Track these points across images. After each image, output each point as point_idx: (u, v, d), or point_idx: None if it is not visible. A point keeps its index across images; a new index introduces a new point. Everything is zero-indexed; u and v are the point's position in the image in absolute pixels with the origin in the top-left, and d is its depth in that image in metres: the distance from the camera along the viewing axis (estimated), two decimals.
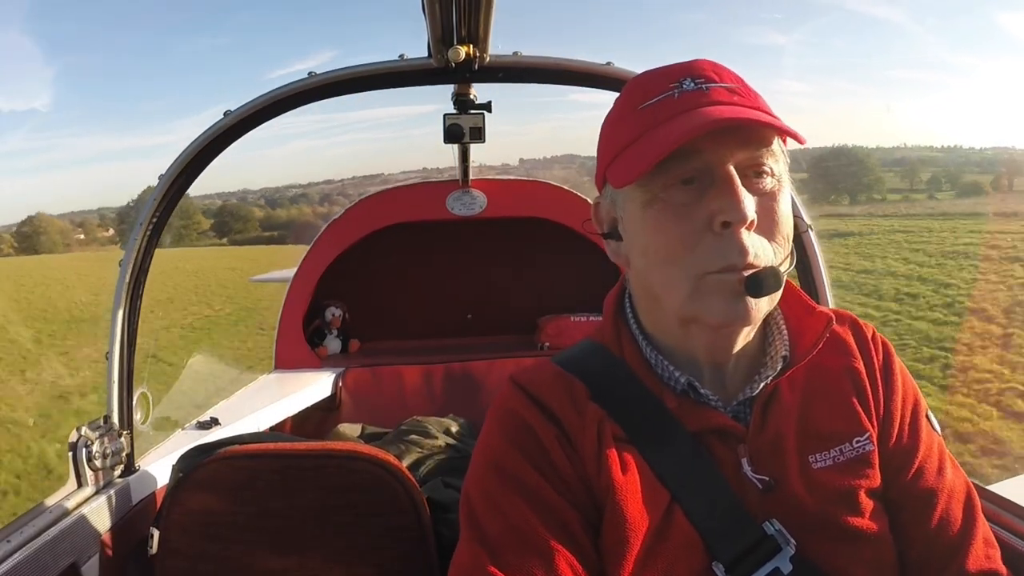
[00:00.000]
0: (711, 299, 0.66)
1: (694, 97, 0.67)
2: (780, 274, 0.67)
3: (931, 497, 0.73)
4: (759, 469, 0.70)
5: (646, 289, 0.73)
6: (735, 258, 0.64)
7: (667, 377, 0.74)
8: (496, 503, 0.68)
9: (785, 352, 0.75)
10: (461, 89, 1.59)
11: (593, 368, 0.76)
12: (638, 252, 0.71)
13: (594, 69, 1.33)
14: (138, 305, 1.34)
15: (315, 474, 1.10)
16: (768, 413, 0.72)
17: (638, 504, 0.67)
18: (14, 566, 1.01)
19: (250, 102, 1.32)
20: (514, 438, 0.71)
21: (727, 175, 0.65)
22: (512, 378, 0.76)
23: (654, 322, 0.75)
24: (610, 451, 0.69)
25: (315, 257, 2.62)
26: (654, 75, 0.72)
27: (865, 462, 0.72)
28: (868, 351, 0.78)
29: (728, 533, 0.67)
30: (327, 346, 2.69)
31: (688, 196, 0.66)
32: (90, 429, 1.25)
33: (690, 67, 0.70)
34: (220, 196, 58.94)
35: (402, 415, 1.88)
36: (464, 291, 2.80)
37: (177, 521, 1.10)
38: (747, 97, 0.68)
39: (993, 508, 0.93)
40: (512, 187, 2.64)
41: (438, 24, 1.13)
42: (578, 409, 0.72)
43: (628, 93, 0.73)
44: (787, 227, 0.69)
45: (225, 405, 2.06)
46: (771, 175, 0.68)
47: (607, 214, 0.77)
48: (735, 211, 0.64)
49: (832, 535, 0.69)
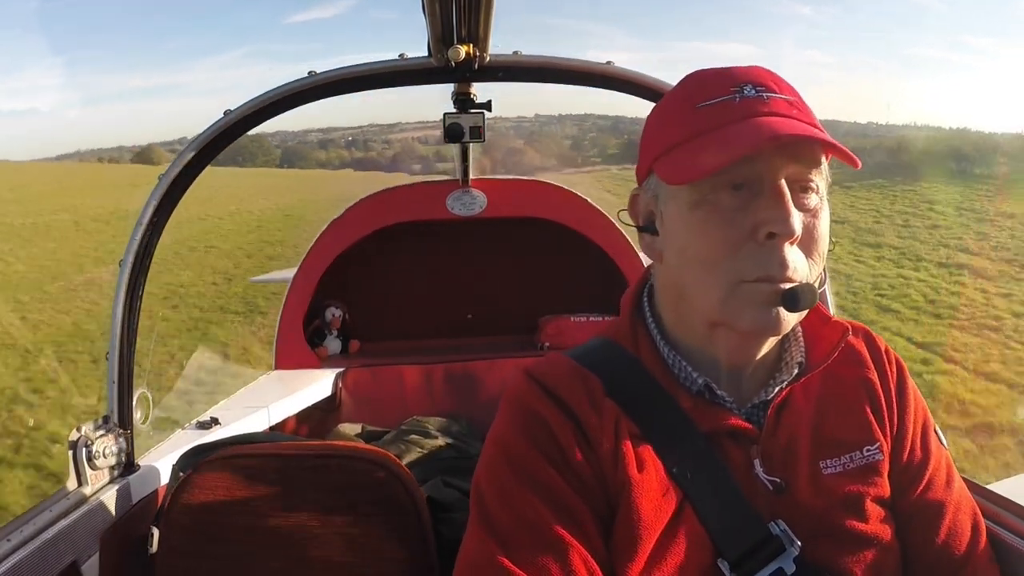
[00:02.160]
0: (744, 307, 0.66)
1: (754, 104, 0.67)
2: (815, 291, 0.67)
3: (940, 510, 0.75)
4: (771, 471, 0.70)
5: (677, 287, 0.73)
6: (775, 270, 0.65)
7: (683, 377, 0.74)
8: (509, 497, 0.67)
9: (801, 359, 0.76)
10: (461, 88, 1.60)
11: (608, 364, 0.76)
12: (675, 250, 0.71)
13: (594, 69, 1.33)
14: (138, 305, 1.34)
15: (315, 474, 1.10)
16: (782, 417, 0.73)
17: (652, 502, 0.67)
18: (14, 565, 1.01)
19: (250, 101, 1.33)
20: (529, 432, 0.70)
21: (779, 187, 0.65)
22: (527, 371, 0.76)
23: (677, 321, 0.75)
24: (627, 448, 0.69)
25: (315, 257, 2.62)
26: (714, 75, 0.71)
27: (874, 471, 0.73)
28: (883, 365, 0.80)
29: (735, 531, 0.67)
30: (327, 346, 2.69)
31: (737, 201, 0.66)
32: (90, 428, 1.25)
33: (750, 73, 0.70)
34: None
35: (402, 415, 1.88)
36: (464, 291, 2.80)
37: (177, 520, 1.10)
38: (803, 112, 0.69)
39: (993, 508, 0.93)
40: (513, 187, 2.65)
41: (438, 23, 1.13)
42: (595, 404, 0.71)
43: (685, 89, 0.73)
44: (824, 246, 0.69)
45: (225, 405, 2.06)
46: (816, 192, 0.68)
47: (646, 207, 0.76)
48: (784, 224, 0.64)
49: (837, 539, 0.69)
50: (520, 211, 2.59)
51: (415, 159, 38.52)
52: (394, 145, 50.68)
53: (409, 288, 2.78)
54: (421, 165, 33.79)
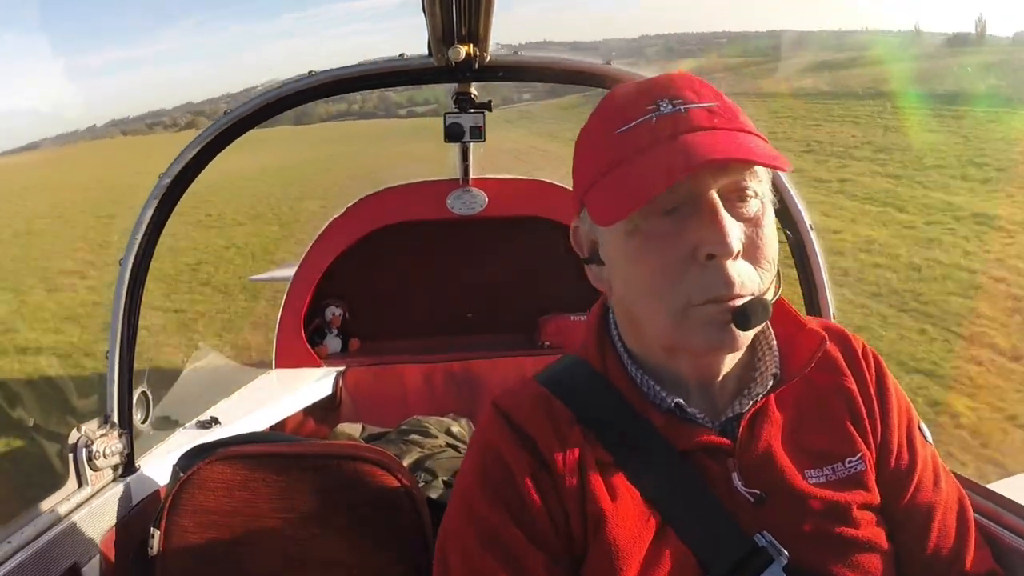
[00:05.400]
0: (695, 331, 0.65)
1: (672, 122, 0.65)
2: (768, 304, 0.66)
3: (929, 512, 0.74)
4: (750, 483, 0.69)
5: (629, 315, 0.72)
6: (721, 289, 0.63)
7: (652, 396, 0.73)
8: (471, 560, 0.68)
9: (775, 370, 0.74)
10: (461, 88, 1.60)
11: (577, 388, 0.75)
12: (621, 281, 0.70)
13: (594, 68, 1.33)
14: (138, 305, 1.34)
15: (315, 474, 1.10)
16: (756, 429, 0.72)
17: (629, 530, 0.66)
18: (15, 567, 1.01)
19: (249, 101, 1.33)
20: (490, 482, 0.70)
21: (712, 205, 0.63)
22: (495, 403, 0.75)
23: (637, 344, 0.75)
24: (596, 479, 0.68)
25: (315, 256, 2.62)
26: (630, 94, 0.70)
27: (858, 481, 0.72)
28: (860, 369, 0.78)
29: (720, 548, 0.67)
30: (327, 345, 2.70)
31: (670, 226, 0.64)
32: (90, 429, 1.25)
33: (667, 85, 0.68)
34: (225, 99, 57.66)
35: (402, 414, 1.88)
36: (464, 290, 2.80)
37: (178, 521, 1.10)
38: (726, 117, 0.66)
39: (992, 507, 0.93)
40: (513, 186, 2.65)
41: (438, 23, 1.13)
42: (560, 436, 0.70)
43: (603, 113, 0.71)
44: (772, 251, 0.67)
45: (225, 404, 2.06)
46: (755, 197, 0.66)
47: (587, 238, 0.75)
48: (720, 244, 0.62)
49: (826, 547, 0.69)
50: (520, 210, 2.59)
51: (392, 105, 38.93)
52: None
53: (409, 287, 2.77)
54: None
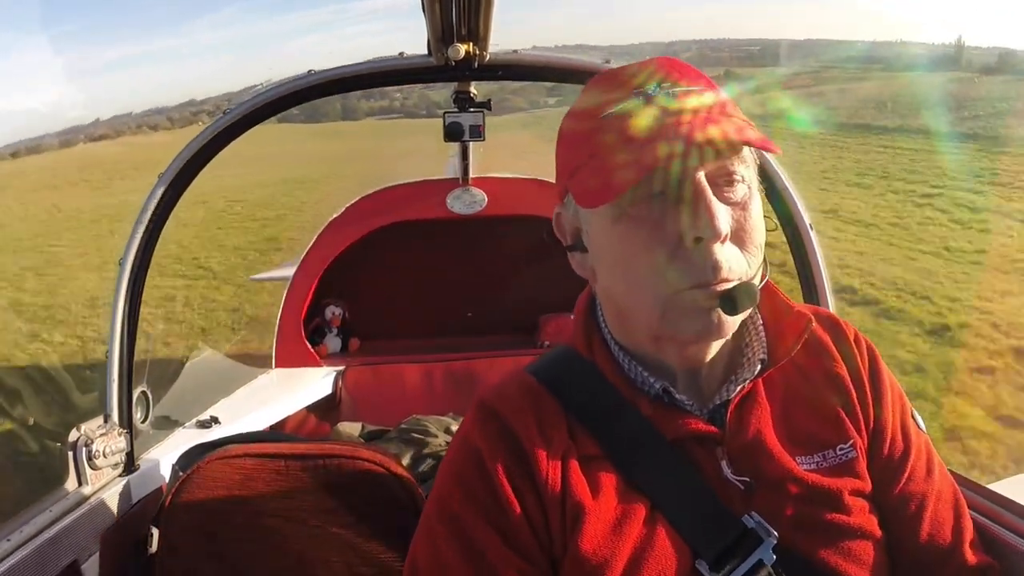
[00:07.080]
0: (682, 317, 0.65)
1: (660, 104, 0.64)
2: (754, 289, 0.65)
3: (922, 501, 0.74)
4: (739, 470, 0.69)
5: (614, 303, 0.72)
6: (708, 274, 0.63)
7: (640, 382, 0.72)
8: (435, 547, 0.68)
9: (763, 355, 0.74)
10: (461, 87, 1.59)
11: (566, 377, 0.74)
12: (605, 268, 0.69)
13: (594, 68, 1.32)
14: (138, 304, 1.34)
15: (315, 474, 1.10)
16: (745, 415, 0.72)
17: (615, 523, 0.66)
18: (14, 564, 1.01)
19: (249, 101, 1.33)
20: (462, 473, 0.70)
21: (699, 189, 0.63)
22: (481, 399, 0.75)
23: (623, 332, 0.74)
24: (579, 476, 0.68)
25: (315, 255, 2.62)
26: (616, 78, 0.69)
27: (850, 468, 0.72)
28: (852, 355, 0.77)
29: (709, 531, 0.67)
30: (327, 344, 2.70)
31: (658, 211, 0.64)
32: (90, 428, 1.25)
33: (653, 68, 0.67)
34: (226, 96, 57.16)
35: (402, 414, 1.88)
36: (464, 289, 2.80)
37: (177, 520, 1.10)
38: (712, 100, 0.66)
39: (993, 507, 0.93)
40: (513, 185, 2.64)
41: (438, 22, 1.13)
42: (545, 432, 0.70)
43: (589, 97, 0.70)
44: (759, 236, 0.67)
45: (225, 404, 2.06)
46: (742, 182, 0.66)
47: (571, 224, 0.74)
48: (709, 227, 0.62)
49: (817, 533, 0.68)
50: (520, 209, 2.58)
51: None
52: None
53: (409, 286, 2.77)
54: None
